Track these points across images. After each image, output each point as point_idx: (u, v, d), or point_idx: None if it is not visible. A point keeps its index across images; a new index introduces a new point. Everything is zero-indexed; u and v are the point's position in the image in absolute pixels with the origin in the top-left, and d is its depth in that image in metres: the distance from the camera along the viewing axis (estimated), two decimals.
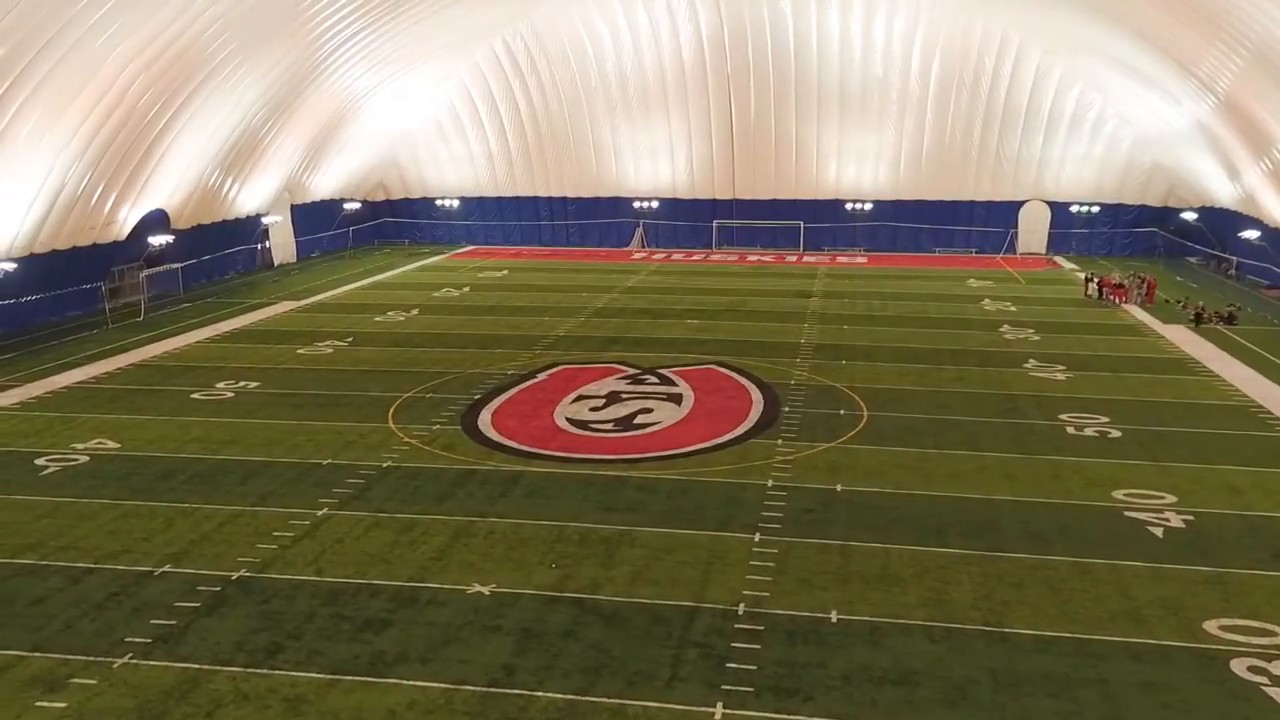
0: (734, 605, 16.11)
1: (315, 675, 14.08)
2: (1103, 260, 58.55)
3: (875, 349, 35.06)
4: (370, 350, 35.40)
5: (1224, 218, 53.77)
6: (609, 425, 26.17)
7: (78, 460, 23.53)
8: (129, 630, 15.38)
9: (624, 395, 29.01)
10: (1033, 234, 63.10)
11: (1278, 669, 14.11)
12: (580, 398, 28.73)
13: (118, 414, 27.49)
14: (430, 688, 13.76)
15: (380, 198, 70.55)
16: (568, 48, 60.23)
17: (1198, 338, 36.99)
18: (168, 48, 36.64)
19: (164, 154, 42.79)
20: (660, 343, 36.26)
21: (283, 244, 59.66)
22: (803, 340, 36.47)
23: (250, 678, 14.03)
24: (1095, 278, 46.99)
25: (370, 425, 26.22)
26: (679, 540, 18.69)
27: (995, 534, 19.05)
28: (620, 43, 59.74)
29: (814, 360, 33.34)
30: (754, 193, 64.88)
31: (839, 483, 21.75)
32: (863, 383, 30.42)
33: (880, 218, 64.03)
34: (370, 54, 50.22)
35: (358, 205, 67.03)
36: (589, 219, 67.54)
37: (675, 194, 65.92)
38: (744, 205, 65.37)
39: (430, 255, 63.39)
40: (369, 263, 59.80)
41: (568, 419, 26.65)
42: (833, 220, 64.42)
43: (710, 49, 59.08)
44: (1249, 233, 47.39)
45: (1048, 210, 62.59)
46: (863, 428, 25.87)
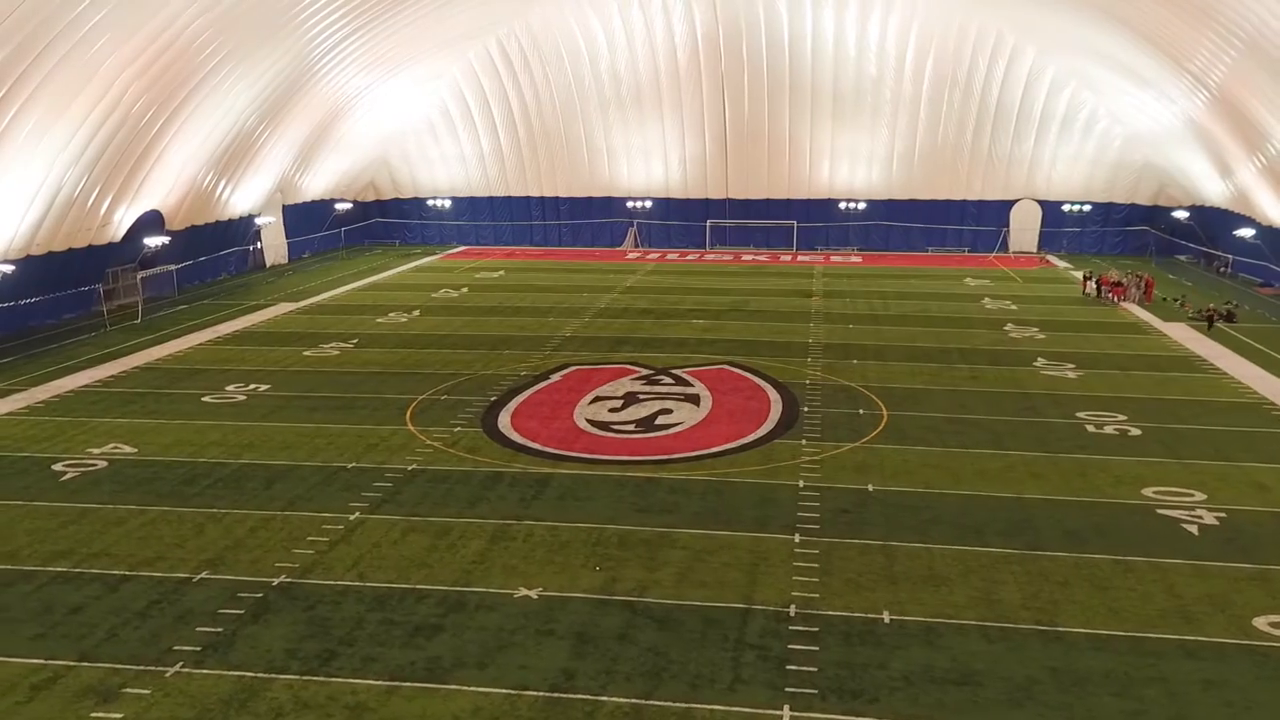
0: (784, 607, 16.06)
1: (373, 682, 13.92)
2: (1094, 258, 58.96)
3: (885, 348, 35.12)
4: (377, 352, 35.13)
5: (1214, 216, 54.29)
6: (631, 426, 26.07)
7: (96, 466, 23.20)
8: (175, 638, 15.15)
9: (641, 396, 28.91)
10: (1024, 233, 63.47)
11: None
12: (597, 399, 28.61)
13: (130, 418, 27.13)
14: (492, 693, 13.63)
15: (370, 198, 70.09)
16: (562, 47, 60.03)
17: (1200, 335, 37.30)
18: (163, 52, 36.59)
19: (159, 156, 42.39)
20: (669, 343, 36.18)
21: (274, 245, 59.14)
22: (811, 340, 36.48)
23: (308, 685, 13.85)
24: (1094, 276, 47.31)
25: (389, 428, 26.00)
26: (719, 541, 18.63)
27: (1032, 533, 19.10)
28: (614, 42, 59.61)
29: (825, 360, 33.36)
30: (747, 192, 64.91)
31: (870, 483, 21.76)
32: (877, 382, 30.47)
33: (873, 217, 64.21)
34: (362, 55, 49.89)
35: (349, 205, 66.55)
36: (582, 219, 67.38)
37: (668, 194, 65.83)
38: (737, 205, 65.40)
39: (422, 256, 63.03)
40: (362, 263, 59.38)
41: (588, 420, 26.52)
42: (826, 220, 64.54)
43: (705, 48, 59.04)
44: (1243, 231, 47.80)
45: (1039, 209, 62.99)
46: (884, 427, 25.89)
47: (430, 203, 68.91)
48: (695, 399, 28.51)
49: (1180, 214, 57.11)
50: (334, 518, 19.89)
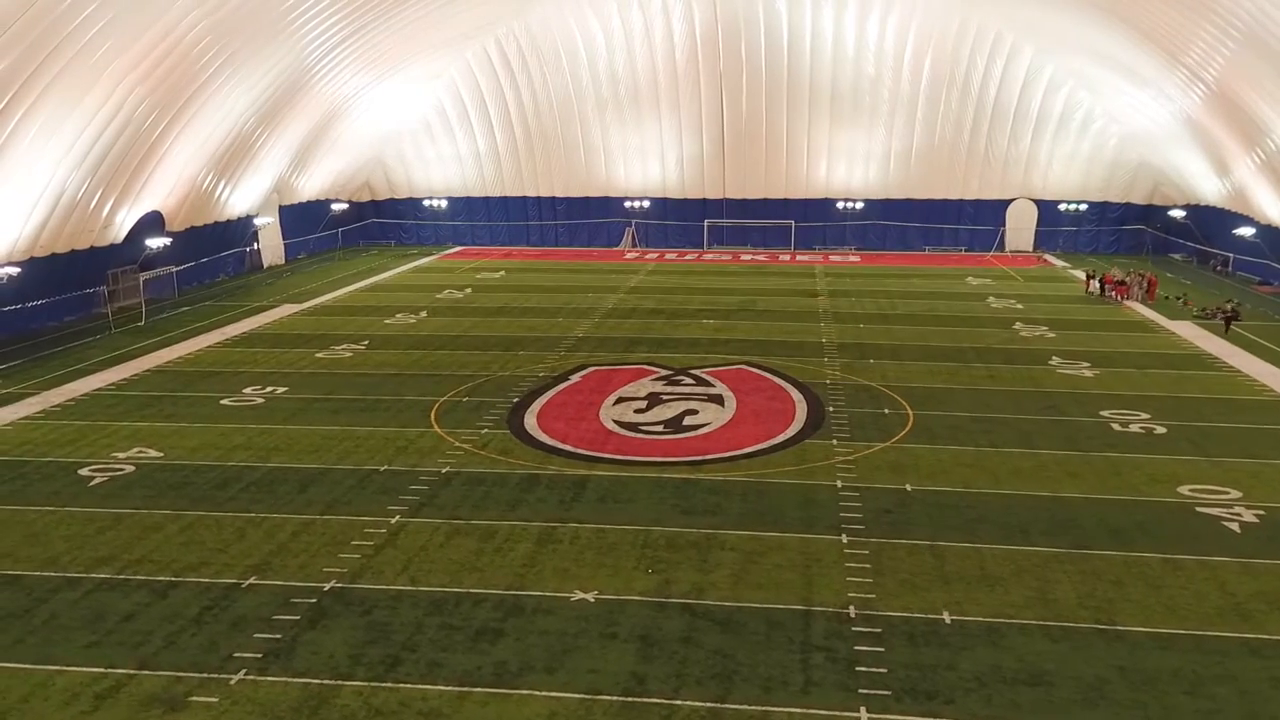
0: (844, 608, 16.03)
1: (443, 688, 13.79)
2: (1090, 257, 59.37)
3: (899, 348, 35.19)
4: (390, 354, 34.89)
5: (1210, 215, 54.75)
6: (659, 427, 25.99)
7: (123, 470, 22.91)
8: (233, 645, 14.96)
9: (664, 397, 28.84)
10: (1020, 232, 63.85)
11: None
12: (621, 400, 28.51)
13: (150, 421, 26.82)
14: (565, 698, 13.53)
15: (365, 198, 69.67)
16: (560, 46, 59.88)
17: (1209, 334, 37.57)
18: (165, 57, 36.52)
19: (161, 158, 42.06)
20: (683, 343, 36.13)
21: (271, 246, 58.69)
22: (824, 340, 36.52)
23: (377, 692, 13.70)
24: (1097, 275, 47.59)
25: (416, 430, 25.81)
26: (767, 543, 18.58)
27: (1077, 531, 19.16)
28: (613, 41, 59.51)
29: (842, 359, 33.39)
30: (744, 192, 64.98)
31: (907, 482, 21.78)
32: (896, 381, 30.52)
33: (870, 217, 64.40)
34: (360, 57, 49.56)
35: (344, 206, 66.12)
36: (578, 219, 67.23)
37: (665, 193, 65.81)
38: (734, 205, 65.45)
39: (419, 256, 62.71)
40: (359, 264, 59.02)
41: (615, 421, 26.42)
42: (823, 219, 64.68)
43: (704, 48, 59.04)
44: (1243, 230, 48.19)
45: (1034, 208, 63.34)
46: (911, 427, 25.92)
47: (426, 203, 68.59)
48: (719, 399, 28.46)
49: (1177, 213, 57.54)
50: (375, 521, 19.72)
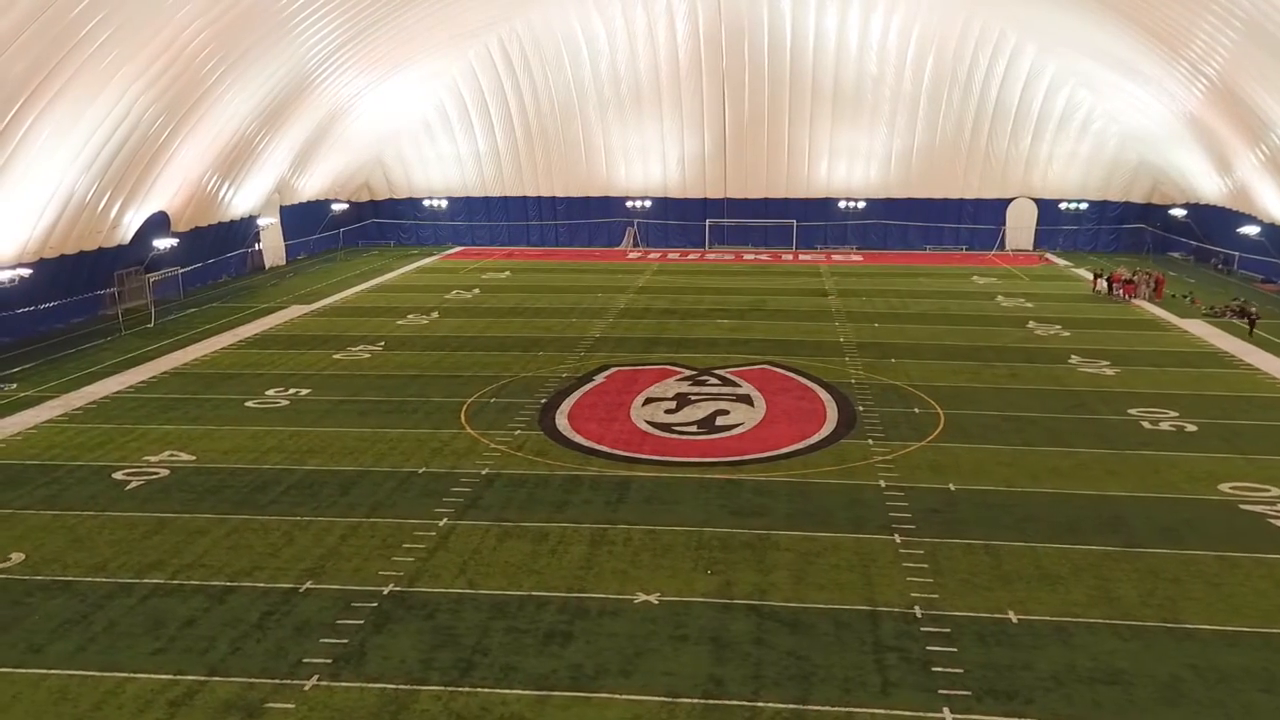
0: (909, 608, 16.02)
1: (521, 692, 13.69)
2: (1090, 256, 59.70)
3: (918, 347, 35.26)
4: (408, 355, 34.71)
5: (1210, 213, 55.13)
6: (692, 428, 25.93)
7: (158, 474, 22.69)
8: (301, 650, 14.82)
9: (693, 397, 28.79)
10: (1020, 231, 64.14)
11: None
12: (649, 400, 28.45)
13: (177, 424, 26.58)
14: (645, 700, 13.46)
15: (365, 198, 69.32)
16: (562, 46, 59.76)
17: (1222, 332, 37.83)
18: (171, 64, 36.42)
19: (167, 161, 41.83)
20: (700, 343, 36.10)
21: (273, 246, 58.32)
22: (842, 339, 36.56)
23: (456, 696, 13.59)
24: (1105, 273, 47.83)
25: (448, 431, 25.68)
26: (821, 544, 18.56)
27: (1127, 530, 19.22)
28: (615, 41, 59.44)
29: (863, 359, 33.42)
30: (746, 191, 65.01)
31: (950, 482, 21.80)
32: (921, 381, 30.58)
33: (871, 216, 64.54)
34: (361, 58, 49.32)
35: (344, 206, 65.77)
36: (579, 219, 67.10)
37: (667, 193, 65.77)
38: (736, 204, 65.47)
39: (421, 257, 62.45)
40: (361, 265, 58.73)
41: (647, 422, 26.35)
42: (824, 219, 64.79)
43: (706, 47, 59.04)
44: (1248, 228, 48.53)
45: (1035, 207, 63.64)
46: (944, 427, 25.96)
47: (426, 203, 68.32)
48: (748, 399, 28.43)
49: (1178, 211, 57.92)
50: (423, 524, 19.59)
